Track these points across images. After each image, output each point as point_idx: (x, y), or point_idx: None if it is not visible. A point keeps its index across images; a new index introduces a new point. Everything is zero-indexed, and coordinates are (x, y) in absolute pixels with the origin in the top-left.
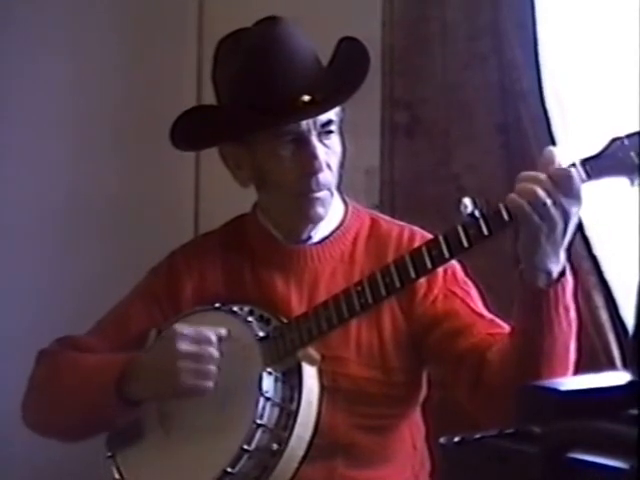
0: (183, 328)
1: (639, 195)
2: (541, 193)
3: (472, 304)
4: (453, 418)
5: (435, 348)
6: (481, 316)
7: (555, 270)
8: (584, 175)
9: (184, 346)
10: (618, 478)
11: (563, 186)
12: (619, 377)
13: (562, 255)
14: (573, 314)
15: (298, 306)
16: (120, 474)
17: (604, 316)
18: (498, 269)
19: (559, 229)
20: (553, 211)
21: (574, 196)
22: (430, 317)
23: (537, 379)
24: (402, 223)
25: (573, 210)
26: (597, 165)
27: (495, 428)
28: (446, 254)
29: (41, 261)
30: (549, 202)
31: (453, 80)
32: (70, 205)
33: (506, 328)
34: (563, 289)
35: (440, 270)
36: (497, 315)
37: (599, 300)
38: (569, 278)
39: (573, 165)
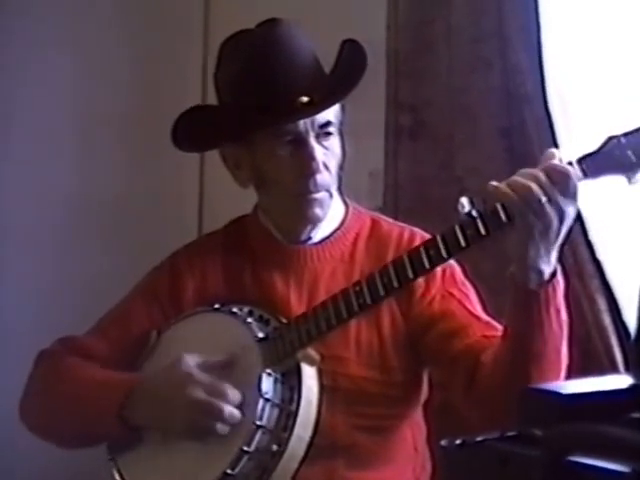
0: (199, 375)
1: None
2: (536, 189)
3: (469, 306)
4: (454, 420)
5: (431, 348)
6: (477, 318)
7: (546, 270)
8: (580, 174)
9: (196, 393)
10: None
11: (560, 184)
12: (621, 381)
13: (554, 256)
14: (564, 317)
15: (297, 306)
16: (121, 476)
17: (607, 319)
18: (502, 273)
19: (554, 228)
20: (548, 208)
21: (570, 195)
22: (427, 317)
23: (527, 382)
24: (403, 224)
25: (569, 210)
26: (594, 163)
27: (490, 431)
28: (444, 254)
29: (44, 261)
30: (544, 199)
31: (457, 83)
32: (74, 205)
33: (500, 331)
34: (554, 290)
35: (439, 271)
36: (499, 318)
37: (602, 303)
38: (560, 280)
39: (570, 164)
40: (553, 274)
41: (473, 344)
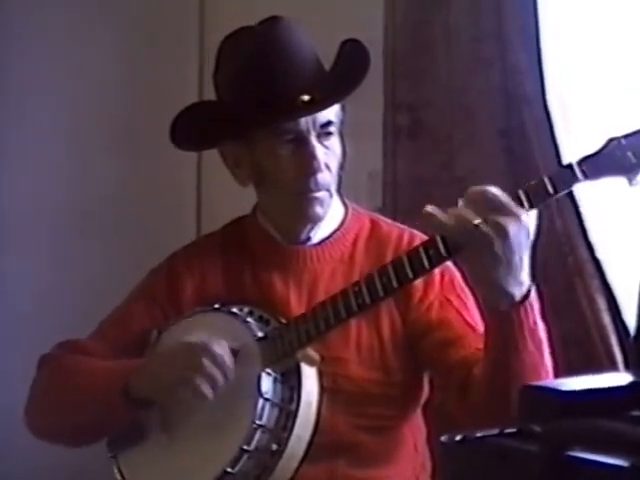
0: (201, 336)
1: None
2: (467, 214)
3: (467, 316)
4: (454, 420)
5: (427, 355)
6: (473, 329)
7: (517, 293)
8: (581, 175)
9: (215, 348)
10: (617, 476)
11: (489, 207)
12: (621, 378)
13: (524, 277)
14: (542, 336)
15: (297, 306)
16: (121, 475)
17: (607, 319)
18: None
19: (499, 251)
20: (485, 229)
21: (507, 213)
22: (424, 323)
23: (507, 398)
24: (402, 226)
25: (510, 230)
26: (594, 165)
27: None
28: (443, 253)
29: (42, 262)
30: (477, 221)
31: (456, 84)
32: (71, 206)
33: None
34: (526, 312)
35: (437, 276)
36: None
37: (602, 303)
38: (534, 300)
39: (570, 166)
40: (526, 295)
41: (468, 356)
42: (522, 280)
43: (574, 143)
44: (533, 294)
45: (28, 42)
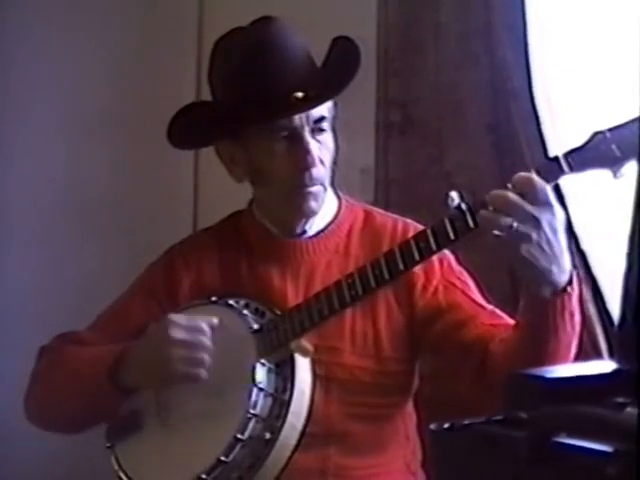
0: (176, 317)
1: (623, 189)
2: (506, 219)
3: (473, 295)
4: (444, 409)
5: (437, 339)
6: (483, 307)
7: (560, 280)
8: (567, 168)
9: (176, 334)
10: (602, 461)
11: (528, 194)
12: (605, 366)
13: (565, 263)
14: (578, 317)
15: (294, 298)
16: (119, 464)
17: (592, 309)
18: (490, 263)
19: (536, 242)
20: (522, 229)
21: (542, 203)
22: (432, 309)
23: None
24: (395, 216)
25: (546, 217)
26: (580, 158)
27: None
28: (433, 246)
29: (40, 259)
30: (515, 224)
31: (446, 80)
32: (69, 203)
33: (506, 319)
34: (569, 297)
35: (436, 261)
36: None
37: (587, 293)
38: (575, 285)
39: (556, 158)
40: (569, 281)
41: (482, 334)
42: (564, 267)
43: (560, 137)
44: (574, 279)
45: (26, 41)
